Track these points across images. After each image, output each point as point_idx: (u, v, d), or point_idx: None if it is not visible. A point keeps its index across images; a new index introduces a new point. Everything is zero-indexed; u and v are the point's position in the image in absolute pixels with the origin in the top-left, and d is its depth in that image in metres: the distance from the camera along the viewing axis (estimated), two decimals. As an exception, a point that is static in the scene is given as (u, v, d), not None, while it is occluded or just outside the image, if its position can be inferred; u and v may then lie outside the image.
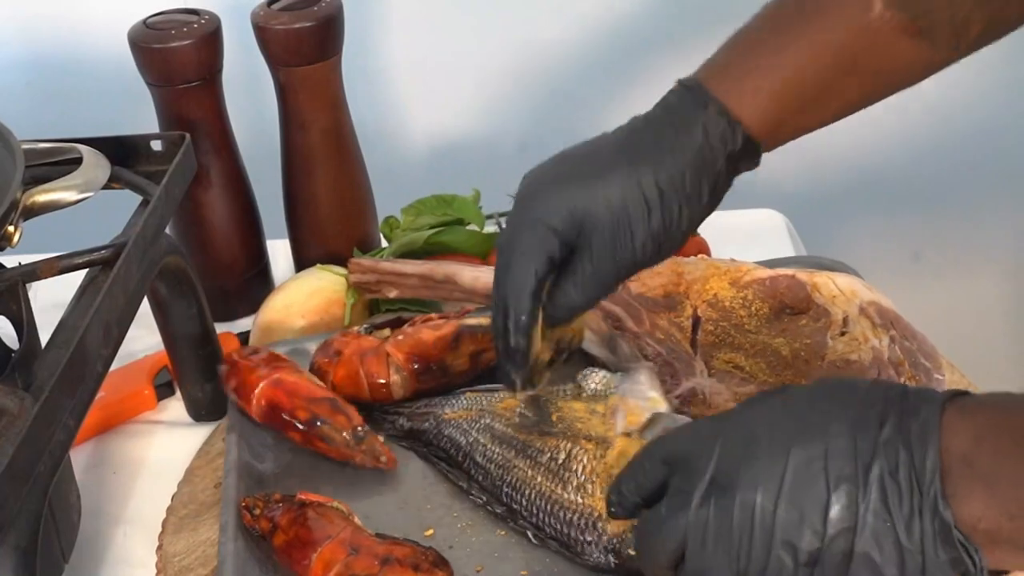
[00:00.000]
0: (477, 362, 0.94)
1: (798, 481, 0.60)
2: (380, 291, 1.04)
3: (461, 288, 1.00)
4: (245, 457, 0.88)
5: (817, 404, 0.63)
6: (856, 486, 0.59)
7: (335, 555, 0.75)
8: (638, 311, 0.91)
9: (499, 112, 1.58)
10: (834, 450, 0.60)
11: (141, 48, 1.04)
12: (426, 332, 0.93)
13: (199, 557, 0.84)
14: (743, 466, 0.61)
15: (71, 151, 0.86)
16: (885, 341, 0.84)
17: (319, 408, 0.87)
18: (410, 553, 0.75)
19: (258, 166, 1.15)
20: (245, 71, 1.16)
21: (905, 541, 0.58)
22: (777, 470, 0.60)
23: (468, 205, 1.14)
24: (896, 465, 0.58)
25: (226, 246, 1.13)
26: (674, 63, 1.56)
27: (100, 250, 0.78)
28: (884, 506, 0.58)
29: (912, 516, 0.58)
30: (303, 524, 0.77)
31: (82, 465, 0.97)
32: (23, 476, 0.64)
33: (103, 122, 1.06)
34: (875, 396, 0.62)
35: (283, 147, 1.13)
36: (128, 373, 1.04)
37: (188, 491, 0.91)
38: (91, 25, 1.45)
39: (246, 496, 0.82)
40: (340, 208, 1.14)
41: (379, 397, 0.93)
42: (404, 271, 1.03)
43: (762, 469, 0.60)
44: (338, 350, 0.94)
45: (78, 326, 0.72)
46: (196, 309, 0.95)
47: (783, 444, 0.61)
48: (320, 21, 1.05)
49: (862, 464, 0.59)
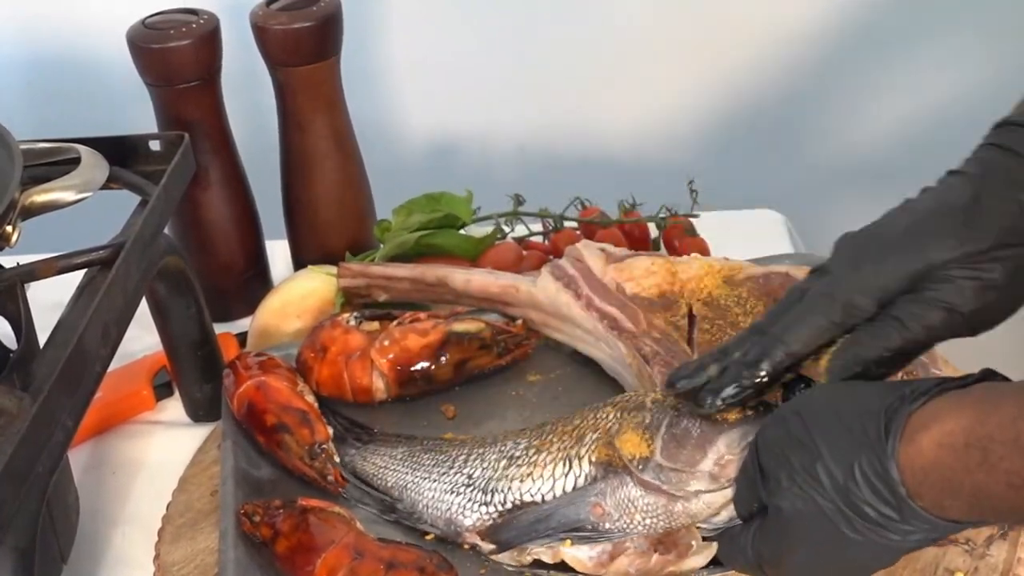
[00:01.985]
0: (462, 371, 0.94)
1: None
2: (370, 295, 1.03)
3: (453, 291, 1.00)
4: (242, 464, 0.88)
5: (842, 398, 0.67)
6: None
7: (340, 560, 0.75)
8: (634, 312, 0.91)
9: (498, 113, 1.58)
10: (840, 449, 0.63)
11: (140, 48, 1.04)
12: (412, 338, 0.93)
13: (198, 566, 0.84)
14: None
15: (69, 151, 0.86)
16: None
17: (288, 417, 0.88)
18: (415, 557, 0.74)
19: (257, 166, 1.15)
20: (244, 71, 1.16)
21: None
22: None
23: (457, 201, 1.14)
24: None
25: (225, 246, 1.13)
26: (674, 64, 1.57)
27: (99, 250, 0.78)
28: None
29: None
30: (305, 530, 0.77)
31: (81, 465, 0.97)
32: (21, 476, 0.64)
33: (102, 122, 1.06)
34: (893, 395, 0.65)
35: (282, 147, 1.13)
36: (126, 373, 1.04)
37: (184, 500, 0.91)
38: (90, 25, 1.45)
39: (245, 503, 0.82)
40: (339, 209, 1.14)
41: (362, 399, 0.94)
42: (395, 275, 1.02)
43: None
44: (324, 346, 0.94)
45: (76, 326, 0.72)
46: (195, 309, 0.95)
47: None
48: (319, 21, 1.05)
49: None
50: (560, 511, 0.76)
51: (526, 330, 0.97)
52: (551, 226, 1.18)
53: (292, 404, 0.89)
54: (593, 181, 1.27)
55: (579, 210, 1.18)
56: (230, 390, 0.91)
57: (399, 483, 0.85)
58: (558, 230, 1.17)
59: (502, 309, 0.99)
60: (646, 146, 1.61)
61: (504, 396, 0.95)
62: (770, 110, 1.59)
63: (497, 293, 0.99)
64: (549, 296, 0.96)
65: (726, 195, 1.22)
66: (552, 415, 0.90)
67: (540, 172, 1.59)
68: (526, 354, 0.97)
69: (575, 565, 0.75)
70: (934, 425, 0.61)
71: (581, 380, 0.95)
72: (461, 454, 0.84)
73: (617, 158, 1.61)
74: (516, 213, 1.17)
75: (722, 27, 1.53)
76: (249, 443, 0.90)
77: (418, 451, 0.86)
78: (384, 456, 0.87)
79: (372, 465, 0.87)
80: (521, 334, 0.96)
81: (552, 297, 0.95)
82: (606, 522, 0.75)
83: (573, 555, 0.75)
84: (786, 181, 1.56)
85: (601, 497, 0.75)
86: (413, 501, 0.83)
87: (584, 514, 0.75)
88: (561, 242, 1.16)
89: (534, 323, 0.98)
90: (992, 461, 0.58)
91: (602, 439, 0.77)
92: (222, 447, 0.89)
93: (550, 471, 0.78)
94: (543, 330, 0.98)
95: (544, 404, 0.93)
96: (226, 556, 0.78)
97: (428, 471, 0.84)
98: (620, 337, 0.90)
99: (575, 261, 0.97)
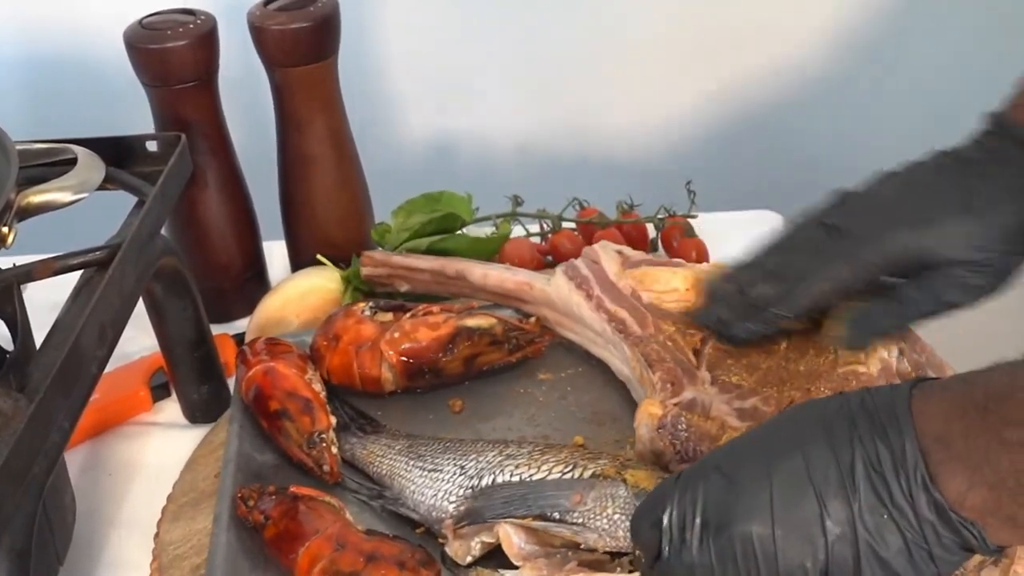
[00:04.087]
0: (471, 365, 0.94)
1: (787, 500, 0.59)
2: (392, 284, 1.05)
3: (471, 284, 1.01)
4: (246, 448, 0.88)
5: (784, 424, 0.63)
6: (844, 487, 0.59)
7: (321, 550, 0.75)
8: (643, 315, 0.91)
9: (497, 113, 1.58)
10: (813, 458, 0.60)
11: (137, 48, 1.03)
12: (423, 332, 0.94)
13: (194, 546, 0.84)
14: (731, 500, 0.61)
15: (66, 152, 0.86)
16: (895, 353, 0.83)
17: (291, 404, 0.88)
18: (397, 551, 0.75)
19: (254, 167, 1.15)
20: (241, 71, 1.16)
21: (906, 530, 0.57)
22: (764, 496, 0.60)
23: (457, 200, 1.14)
24: (877, 458, 0.58)
25: (222, 247, 1.13)
26: (673, 65, 1.56)
27: (95, 251, 0.78)
28: (877, 499, 0.58)
29: (905, 503, 0.57)
30: (293, 517, 0.78)
31: (77, 467, 0.97)
32: (18, 478, 0.64)
33: (99, 122, 1.06)
34: (839, 402, 0.62)
35: (279, 148, 1.13)
36: (123, 375, 1.03)
37: (190, 479, 0.92)
38: (87, 25, 1.45)
39: (241, 487, 0.83)
40: (337, 209, 1.14)
41: (370, 389, 0.94)
42: (416, 266, 1.03)
43: (749, 498, 0.60)
44: (337, 335, 0.95)
45: (73, 327, 0.71)
46: (192, 311, 0.95)
47: (763, 467, 0.61)
48: (317, 21, 1.05)
49: (844, 465, 0.59)
50: (540, 491, 0.76)
51: (540, 328, 0.97)
52: (549, 227, 1.18)
53: (297, 391, 0.89)
54: (591, 182, 1.27)
55: (577, 211, 1.18)
56: (241, 374, 0.92)
57: (392, 470, 0.85)
58: (556, 231, 1.17)
59: (518, 305, 1.00)
60: (644, 147, 1.61)
61: (512, 393, 0.95)
62: (768, 111, 1.59)
63: (512, 289, 0.99)
64: (561, 295, 0.96)
65: (724, 196, 1.22)
66: (556, 415, 0.92)
67: (539, 173, 1.59)
68: (539, 352, 0.97)
69: (504, 543, 0.75)
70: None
71: (590, 381, 0.95)
72: (460, 449, 0.84)
73: (616, 159, 1.62)
74: (515, 214, 1.17)
75: (721, 28, 1.53)
76: (256, 428, 0.91)
77: (419, 444, 0.87)
78: (383, 446, 0.88)
79: (371, 453, 0.88)
80: (534, 332, 0.96)
81: (564, 297, 0.96)
82: (576, 510, 0.75)
83: (507, 533, 0.75)
84: (784, 182, 1.56)
85: (587, 491, 0.75)
86: (401, 487, 0.84)
87: (563, 500, 0.75)
88: (559, 243, 1.16)
89: (548, 321, 0.98)
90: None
91: (615, 465, 0.77)
92: (228, 430, 0.90)
93: (548, 467, 0.78)
94: (557, 329, 0.98)
95: (551, 403, 0.93)
96: (217, 539, 0.79)
97: (423, 460, 0.84)
98: (625, 340, 0.90)
99: (590, 262, 0.97)
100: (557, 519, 0.75)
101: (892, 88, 1.57)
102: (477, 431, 0.91)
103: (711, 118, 1.59)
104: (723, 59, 1.54)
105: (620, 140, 1.61)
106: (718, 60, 1.55)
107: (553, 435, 0.90)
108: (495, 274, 1.00)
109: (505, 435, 0.90)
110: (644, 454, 0.82)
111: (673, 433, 0.80)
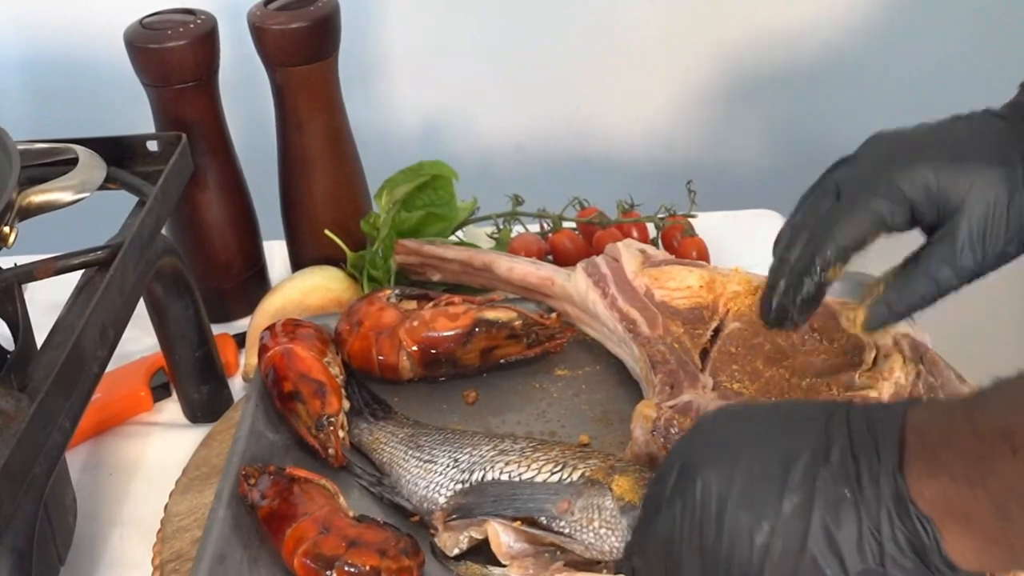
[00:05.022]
0: (488, 358, 0.95)
1: (753, 463, 0.60)
2: (424, 273, 1.05)
3: (497, 276, 1.01)
4: (258, 427, 0.89)
5: (779, 408, 0.65)
6: (816, 461, 0.59)
7: (307, 532, 0.76)
8: (654, 315, 0.91)
9: (497, 113, 1.58)
10: (795, 434, 0.60)
11: (137, 48, 1.03)
12: (441, 321, 0.94)
13: (197, 519, 0.85)
14: (703, 460, 0.62)
15: (67, 151, 0.86)
16: (911, 376, 0.83)
17: (304, 387, 0.89)
18: (381, 538, 0.75)
19: (255, 167, 1.15)
20: (242, 71, 1.16)
21: (864, 514, 0.57)
22: (733, 459, 0.61)
23: (438, 164, 1.12)
24: (859, 447, 0.59)
25: (223, 247, 1.13)
26: (673, 64, 1.56)
27: (96, 251, 0.78)
28: (844, 475, 0.58)
29: (869, 486, 0.57)
30: (286, 498, 0.79)
31: (78, 467, 0.97)
32: (19, 478, 0.64)
33: (99, 122, 1.06)
34: (831, 404, 0.63)
35: (280, 148, 1.13)
36: (124, 374, 1.03)
37: (204, 454, 0.93)
38: (87, 25, 1.45)
39: (246, 465, 0.83)
40: (337, 209, 1.14)
41: (388, 376, 0.95)
42: (446, 255, 1.04)
43: (719, 459, 0.61)
44: (360, 320, 0.96)
45: (74, 327, 0.71)
46: (192, 310, 0.95)
47: (743, 440, 0.62)
48: (316, 21, 1.05)
49: (821, 446, 0.59)
50: (529, 493, 0.77)
51: (561, 324, 0.97)
52: (550, 226, 1.18)
53: (311, 374, 0.90)
54: (592, 181, 1.27)
55: (578, 210, 1.18)
56: (263, 353, 0.93)
57: (392, 458, 0.86)
58: (557, 230, 1.17)
59: (542, 299, 1.00)
60: (645, 146, 1.61)
61: (528, 387, 0.95)
62: (769, 110, 1.59)
63: (536, 284, 0.99)
64: (580, 292, 0.96)
65: (725, 196, 1.22)
66: (566, 411, 0.92)
67: (539, 172, 1.59)
68: (559, 347, 0.97)
69: (492, 541, 0.76)
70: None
71: (605, 380, 0.96)
72: (456, 442, 0.84)
73: (616, 158, 1.62)
74: (515, 213, 1.17)
75: (722, 28, 1.53)
76: (271, 407, 0.91)
77: (421, 434, 0.87)
78: (388, 433, 0.88)
79: (375, 440, 0.88)
80: (555, 327, 0.96)
81: (582, 293, 0.96)
82: (563, 519, 0.75)
83: (495, 531, 0.75)
84: (786, 181, 1.55)
85: (574, 498, 0.75)
86: (399, 476, 0.84)
87: (549, 505, 0.76)
88: (560, 242, 1.16)
89: (570, 317, 0.98)
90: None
91: (604, 467, 0.77)
92: (244, 408, 0.91)
93: (538, 466, 0.78)
94: (578, 324, 0.98)
95: (564, 400, 0.94)
96: (215, 514, 0.79)
97: (421, 451, 0.85)
98: (635, 340, 0.90)
99: (611, 260, 0.97)
100: (544, 524, 0.75)
101: (895, 91, 1.57)
102: (487, 423, 0.92)
103: (712, 117, 1.59)
104: (725, 57, 1.54)
105: (620, 140, 1.61)
106: (719, 58, 1.54)
107: (560, 432, 0.90)
108: (520, 268, 1.00)
109: (514, 429, 0.91)
110: (639, 455, 0.82)
111: (665, 436, 0.80)
